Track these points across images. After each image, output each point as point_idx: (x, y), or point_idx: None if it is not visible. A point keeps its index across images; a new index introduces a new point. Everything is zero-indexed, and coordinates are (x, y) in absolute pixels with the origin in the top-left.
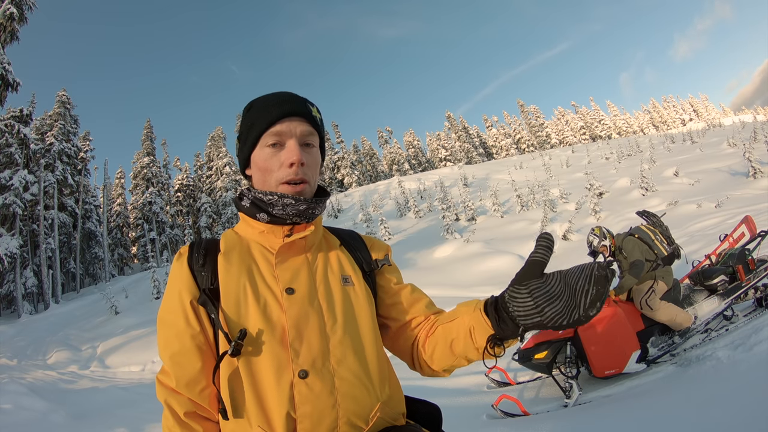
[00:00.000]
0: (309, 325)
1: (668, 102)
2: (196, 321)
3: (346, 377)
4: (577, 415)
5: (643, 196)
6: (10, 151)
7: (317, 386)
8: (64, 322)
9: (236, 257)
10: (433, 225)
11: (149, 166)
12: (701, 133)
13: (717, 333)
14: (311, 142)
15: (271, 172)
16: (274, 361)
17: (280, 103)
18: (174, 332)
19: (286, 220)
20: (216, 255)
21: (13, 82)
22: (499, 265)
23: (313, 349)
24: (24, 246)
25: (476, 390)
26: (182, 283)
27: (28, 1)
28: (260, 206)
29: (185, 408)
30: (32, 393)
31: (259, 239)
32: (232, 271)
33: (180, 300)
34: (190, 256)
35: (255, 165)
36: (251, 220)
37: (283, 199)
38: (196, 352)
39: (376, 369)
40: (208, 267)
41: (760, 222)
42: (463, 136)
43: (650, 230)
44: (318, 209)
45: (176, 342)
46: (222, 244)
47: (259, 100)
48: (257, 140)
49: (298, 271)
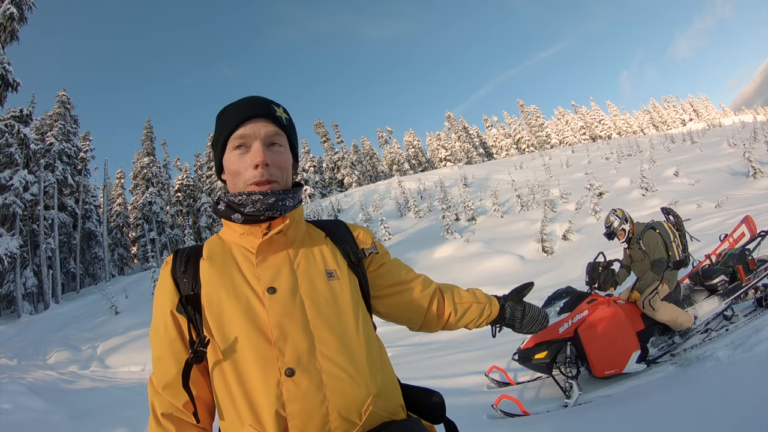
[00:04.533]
0: (293, 323)
1: (668, 102)
2: (174, 329)
3: (334, 373)
4: (577, 415)
5: (643, 196)
6: (10, 151)
7: (304, 383)
8: (64, 322)
9: (218, 261)
10: (433, 225)
11: (149, 166)
12: (701, 133)
13: (717, 333)
14: (277, 142)
15: (240, 174)
16: (260, 361)
17: (245, 107)
18: (156, 338)
19: (260, 216)
20: (198, 261)
21: (13, 82)
22: (499, 265)
23: (298, 346)
24: (24, 246)
25: (476, 390)
26: (165, 291)
27: (28, 1)
28: (234, 208)
29: (163, 409)
30: (32, 393)
31: (240, 241)
32: (213, 274)
33: (162, 308)
34: (173, 265)
35: (226, 169)
36: (230, 223)
37: (251, 197)
38: (172, 359)
39: (365, 362)
40: (190, 273)
41: (760, 222)
42: (463, 136)
43: (671, 230)
44: (289, 200)
45: (157, 347)
46: (205, 249)
47: (227, 107)
48: (225, 144)
49: (279, 269)
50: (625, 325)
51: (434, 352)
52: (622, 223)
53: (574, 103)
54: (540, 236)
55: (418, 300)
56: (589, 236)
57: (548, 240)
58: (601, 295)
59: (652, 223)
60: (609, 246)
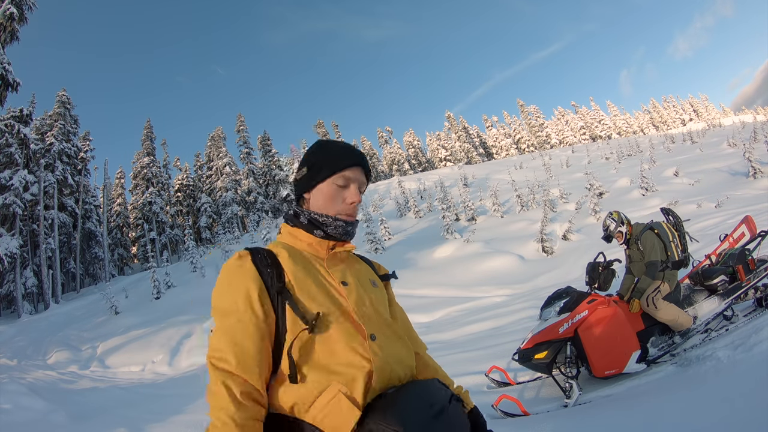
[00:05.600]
0: (366, 306)
1: (668, 102)
2: (261, 311)
3: (396, 342)
4: (577, 415)
5: (643, 196)
6: (10, 151)
7: (382, 344)
8: (64, 322)
9: (299, 260)
10: (433, 225)
11: (149, 166)
12: (701, 133)
13: (717, 333)
14: (363, 190)
15: (335, 203)
16: (344, 334)
17: (353, 155)
18: (237, 320)
19: (337, 237)
20: (276, 259)
21: (13, 82)
22: (499, 265)
23: (373, 321)
24: (24, 246)
25: (476, 390)
26: (248, 278)
27: (28, 1)
28: (316, 224)
29: (242, 388)
30: (32, 393)
31: (308, 249)
32: (299, 270)
33: (246, 292)
34: (254, 257)
35: (321, 193)
36: (303, 233)
37: (336, 222)
38: (258, 338)
39: (408, 340)
40: (274, 267)
41: (760, 222)
42: (463, 136)
43: (670, 230)
44: (355, 231)
45: (240, 329)
46: (280, 251)
47: (333, 144)
48: (328, 177)
49: (345, 272)
50: (625, 325)
51: (434, 352)
52: (618, 226)
53: (574, 103)
54: (540, 236)
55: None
56: (589, 236)
57: (548, 240)
58: (601, 295)
59: (651, 224)
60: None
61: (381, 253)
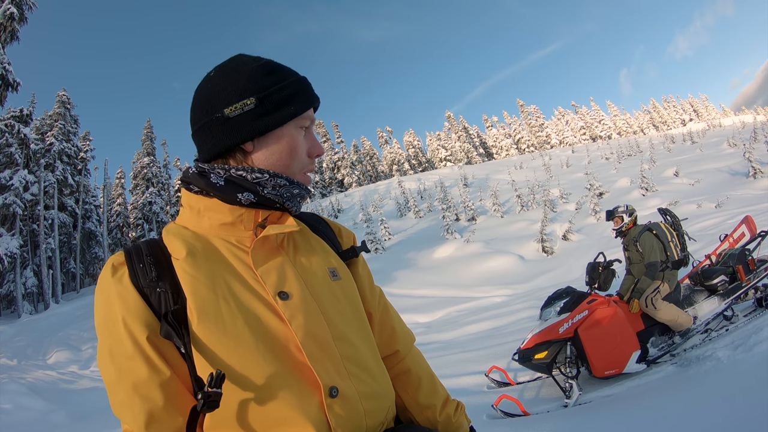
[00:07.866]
0: (321, 333)
1: (668, 102)
2: (163, 362)
3: (367, 381)
4: (577, 415)
5: (644, 196)
6: (10, 151)
7: (350, 400)
8: (64, 322)
9: (201, 259)
10: (433, 225)
11: (149, 166)
12: (701, 133)
13: (717, 333)
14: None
15: (299, 157)
16: (290, 387)
17: (310, 90)
18: (131, 385)
19: (275, 203)
20: (169, 261)
21: (13, 82)
22: (499, 265)
23: (334, 360)
24: (24, 246)
25: (476, 390)
26: (128, 312)
27: (29, 1)
28: (241, 185)
29: None
30: (32, 393)
31: (221, 233)
32: (200, 280)
33: (131, 338)
34: (132, 270)
35: (280, 142)
36: (213, 204)
37: (276, 179)
38: (172, 407)
39: (381, 367)
40: (166, 280)
41: (760, 222)
42: (463, 136)
43: (668, 230)
44: (304, 200)
45: (138, 400)
46: (173, 244)
47: (286, 68)
48: (295, 116)
49: (283, 271)
50: (625, 325)
51: (434, 352)
52: (625, 213)
53: (574, 103)
54: (540, 236)
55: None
56: (589, 236)
57: (548, 240)
58: (601, 295)
59: (649, 225)
60: (609, 246)
61: (381, 253)
